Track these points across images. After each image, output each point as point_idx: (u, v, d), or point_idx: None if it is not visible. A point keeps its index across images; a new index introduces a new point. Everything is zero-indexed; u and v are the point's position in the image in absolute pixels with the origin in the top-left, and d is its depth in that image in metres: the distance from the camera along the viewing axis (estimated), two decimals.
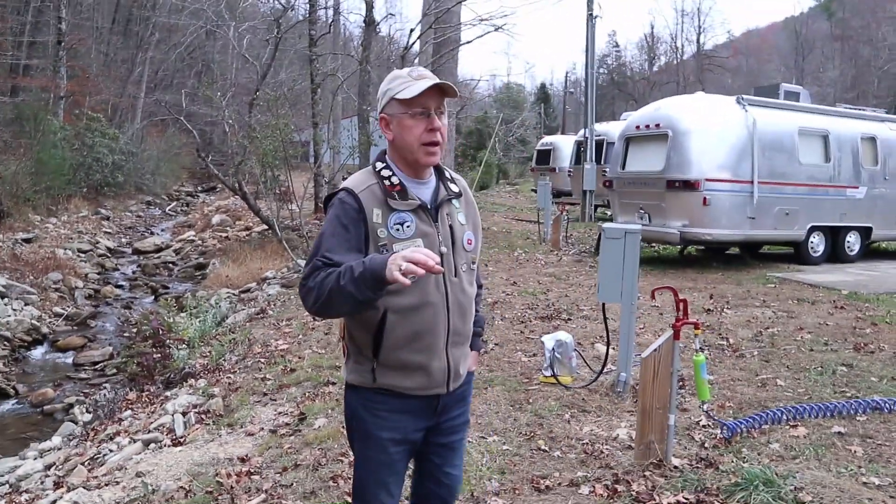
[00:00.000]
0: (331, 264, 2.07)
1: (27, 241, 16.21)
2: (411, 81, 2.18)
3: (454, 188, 2.34)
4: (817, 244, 11.82)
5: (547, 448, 4.23)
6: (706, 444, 4.21)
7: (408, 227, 2.17)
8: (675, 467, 3.86)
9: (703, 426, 4.49)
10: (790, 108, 11.99)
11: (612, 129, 19.24)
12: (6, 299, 12.47)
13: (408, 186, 2.22)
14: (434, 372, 2.24)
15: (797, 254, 11.86)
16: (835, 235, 11.95)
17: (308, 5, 19.62)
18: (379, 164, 2.28)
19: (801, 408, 4.68)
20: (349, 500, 3.62)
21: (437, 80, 2.18)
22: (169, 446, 5.13)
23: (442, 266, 2.08)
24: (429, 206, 2.23)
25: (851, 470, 3.81)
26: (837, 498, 3.42)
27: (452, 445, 2.45)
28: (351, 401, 2.32)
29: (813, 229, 11.65)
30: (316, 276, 2.07)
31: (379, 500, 2.33)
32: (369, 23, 17.33)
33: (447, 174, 2.36)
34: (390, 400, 2.25)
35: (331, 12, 25.48)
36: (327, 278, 2.03)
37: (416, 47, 17.03)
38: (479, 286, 2.52)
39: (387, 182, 2.21)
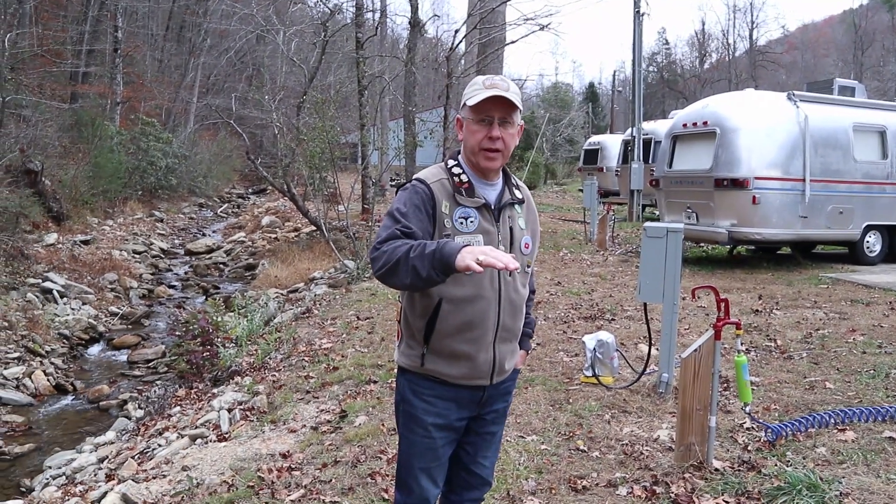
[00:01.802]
0: (408, 234, 2.18)
1: (85, 242, 16.72)
2: (481, 90, 2.30)
3: (518, 194, 2.47)
4: (873, 244, 11.47)
5: (586, 448, 4.21)
6: (749, 447, 4.14)
7: (471, 222, 2.29)
8: (716, 470, 3.79)
9: (747, 429, 4.40)
10: (845, 104, 11.65)
11: (660, 128, 18.97)
12: (65, 299, 12.90)
13: (475, 185, 2.35)
14: (479, 363, 2.33)
15: (852, 254, 11.53)
16: (892, 235, 11.58)
17: (355, 8, 19.80)
18: (451, 162, 2.42)
19: (851, 411, 4.55)
20: (387, 497, 3.66)
21: (501, 92, 2.28)
22: (214, 442, 5.25)
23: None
24: (493, 207, 2.35)
25: None
26: None
27: (487, 437, 2.52)
28: (400, 383, 2.44)
29: (869, 228, 11.31)
30: (392, 243, 2.15)
31: (420, 485, 2.40)
32: (415, 24, 17.42)
33: (514, 181, 2.49)
34: (437, 386, 2.35)
35: (377, 15, 25.69)
36: (400, 247, 2.10)
37: (462, 48, 17.06)
38: (532, 290, 2.62)
39: (456, 179, 2.35)
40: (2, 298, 11.41)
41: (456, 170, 2.37)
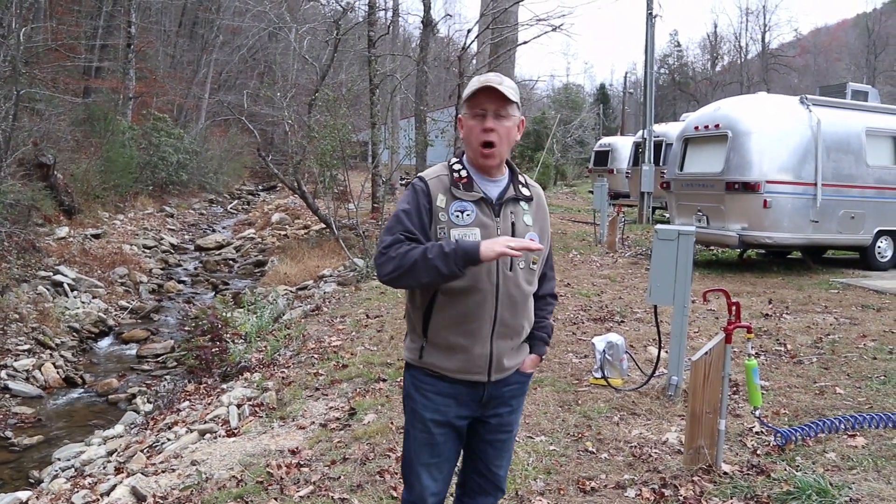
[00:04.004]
0: (412, 238, 2.26)
1: (96, 236, 16.81)
2: (475, 84, 2.35)
3: (526, 192, 2.47)
4: (885, 249, 11.41)
5: (594, 450, 4.21)
6: (758, 451, 4.13)
7: (467, 215, 2.32)
8: (725, 473, 3.79)
9: (757, 433, 4.39)
10: (857, 108, 11.59)
11: (671, 130, 18.91)
12: (76, 292, 12.98)
13: (476, 180, 2.39)
14: (475, 357, 2.33)
15: (863, 259, 11.47)
16: None
17: (367, 7, 19.84)
18: (453, 160, 2.47)
19: (861, 417, 4.53)
20: (395, 494, 3.67)
21: (493, 84, 2.31)
22: (223, 437, 5.27)
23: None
24: (494, 201, 2.37)
25: None
26: None
27: (497, 445, 2.52)
28: (405, 379, 2.49)
29: (880, 233, 11.25)
30: (398, 248, 2.22)
31: (421, 482, 2.42)
32: (427, 24, 17.43)
33: (521, 179, 2.51)
34: (436, 382, 2.38)
35: (390, 13, 25.72)
36: (411, 251, 2.19)
37: (474, 48, 17.06)
38: (553, 296, 2.64)
39: (455, 174, 2.39)
40: (13, 291, 11.48)
41: (456, 166, 2.42)
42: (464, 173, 2.38)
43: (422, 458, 2.42)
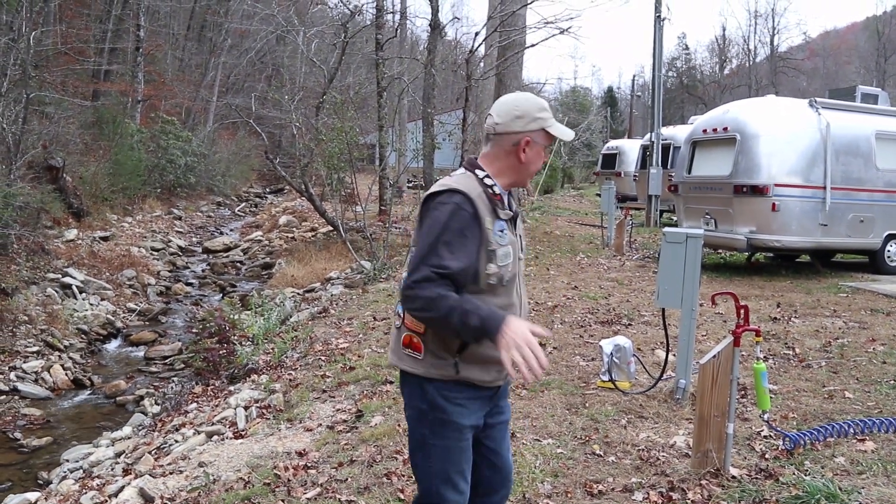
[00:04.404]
0: (445, 275, 2.15)
1: (104, 238, 16.88)
2: (558, 123, 2.41)
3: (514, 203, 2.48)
4: (894, 253, 11.35)
5: (602, 453, 4.19)
6: (767, 455, 4.10)
7: (504, 234, 2.30)
8: (733, 477, 3.77)
9: (765, 437, 4.37)
10: (867, 112, 11.54)
11: (679, 133, 18.88)
12: (84, 294, 13.03)
13: (504, 198, 2.37)
14: (503, 365, 2.29)
15: (872, 263, 11.40)
16: None
17: (375, 10, 19.86)
18: (481, 173, 2.36)
19: (871, 421, 4.50)
20: (402, 497, 3.67)
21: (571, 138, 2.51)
22: (231, 439, 5.28)
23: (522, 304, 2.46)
24: (515, 217, 2.40)
25: None
26: None
27: (503, 426, 2.55)
28: (428, 392, 2.32)
29: (890, 237, 11.19)
30: (428, 288, 2.13)
31: (459, 489, 2.37)
32: (435, 27, 17.45)
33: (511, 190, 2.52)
34: (469, 389, 2.33)
35: (397, 16, 25.75)
36: (441, 301, 2.12)
37: (482, 50, 17.07)
38: None
39: (490, 191, 2.32)
40: (22, 293, 11.53)
41: (488, 181, 2.33)
42: (497, 189, 2.33)
43: (459, 465, 2.36)
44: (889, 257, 11.30)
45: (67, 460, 7.05)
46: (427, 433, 2.36)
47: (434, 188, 2.32)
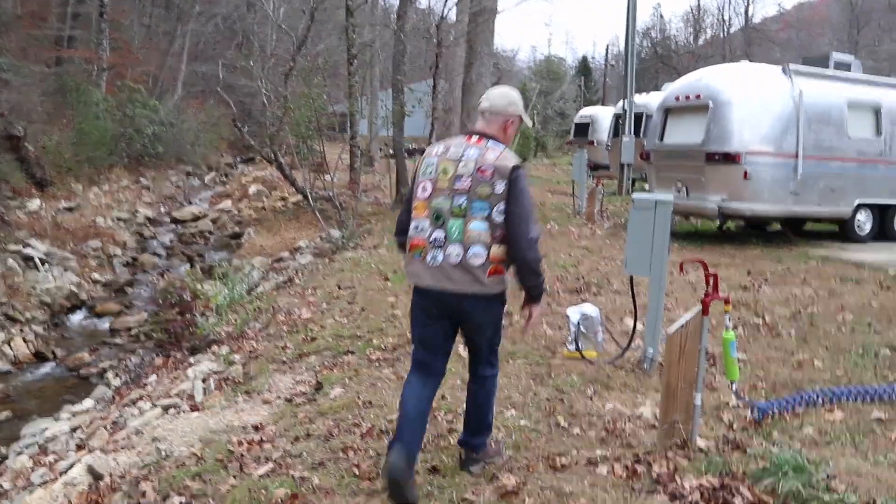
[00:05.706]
0: None
1: (69, 209, 16.44)
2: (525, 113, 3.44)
3: None
4: (864, 222, 11.35)
5: (566, 425, 4.08)
6: (734, 426, 4.02)
7: None
8: (700, 449, 3.67)
9: (733, 407, 4.28)
10: (840, 79, 11.44)
11: (652, 102, 18.68)
12: (47, 266, 12.69)
13: None
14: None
15: (842, 231, 11.42)
16: (883, 213, 11.46)
17: None
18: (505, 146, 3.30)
19: (839, 391, 4.44)
20: (357, 472, 3.53)
21: None
22: (187, 412, 5.10)
23: None
24: None
25: (891, 458, 3.58)
26: (874, 487, 3.21)
27: None
28: (505, 298, 3.34)
29: (860, 206, 11.19)
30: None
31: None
32: None
33: None
34: None
35: None
36: (543, 264, 3.33)
37: (452, 17, 16.75)
38: None
39: None
40: None
41: None
42: None
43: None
44: (858, 226, 11.31)
45: (26, 435, 6.84)
46: (501, 322, 3.46)
47: (516, 160, 3.15)
